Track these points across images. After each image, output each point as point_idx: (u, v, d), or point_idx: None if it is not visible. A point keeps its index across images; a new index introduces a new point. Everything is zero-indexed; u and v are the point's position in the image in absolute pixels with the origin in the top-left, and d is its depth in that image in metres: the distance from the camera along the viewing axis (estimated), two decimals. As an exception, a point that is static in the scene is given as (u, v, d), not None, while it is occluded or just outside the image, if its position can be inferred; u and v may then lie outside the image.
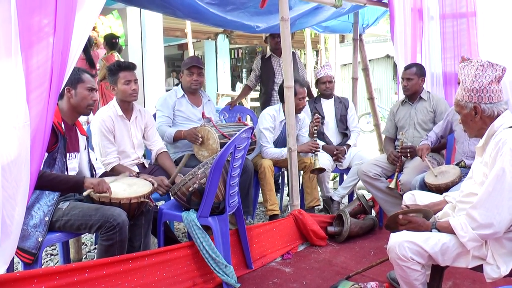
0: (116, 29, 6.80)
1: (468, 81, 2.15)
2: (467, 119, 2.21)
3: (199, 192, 2.69)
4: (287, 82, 3.48)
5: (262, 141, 4.01)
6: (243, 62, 17.64)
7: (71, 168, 2.57)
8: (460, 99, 2.20)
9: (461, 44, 4.51)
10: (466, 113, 2.19)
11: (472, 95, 2.14)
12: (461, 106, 2.20)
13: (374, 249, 3.51)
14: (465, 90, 2.17)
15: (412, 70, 3.86)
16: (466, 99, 2.16)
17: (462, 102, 2.19)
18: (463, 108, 2.20)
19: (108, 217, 2.33)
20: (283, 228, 3.47)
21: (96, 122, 3.11)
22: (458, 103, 2.22)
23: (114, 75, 3.12)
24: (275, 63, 4.94)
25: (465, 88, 2.16)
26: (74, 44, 2.16)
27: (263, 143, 4.02)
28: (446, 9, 4.56)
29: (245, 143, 2.87)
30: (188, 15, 3.70)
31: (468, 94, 2.15)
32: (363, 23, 5.42)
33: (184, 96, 3.83)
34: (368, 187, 3.90)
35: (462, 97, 2.18)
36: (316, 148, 3.90)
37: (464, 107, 2.19)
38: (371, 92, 5.69)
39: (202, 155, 3.59)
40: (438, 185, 3.15)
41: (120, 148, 3.20)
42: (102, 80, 6.05)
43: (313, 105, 4.56)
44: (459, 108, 2.23)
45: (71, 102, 2.59)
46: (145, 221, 2.71)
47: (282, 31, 3.41)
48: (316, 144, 3.92)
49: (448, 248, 2.08)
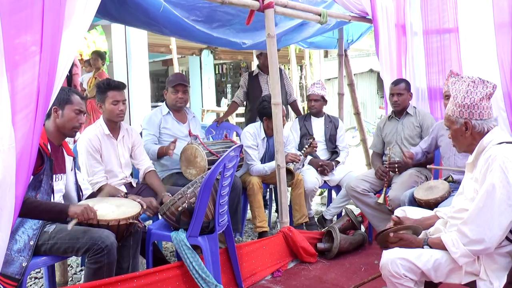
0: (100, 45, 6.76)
1: (459, 96, 2.17)
2: (457, 134, 2.22)
3: (188, 212, 2.65)
4: (274, 99, 3.48)
5: (247, 160, 4.00)
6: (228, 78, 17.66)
7: (58, 190, 2.51)
8: (451, 114, 2.21)
9: (445, 59, 4.58)
10: (456, 128, 2.21)
11: (463, 110, 2.15)
12: (452, 121, 2.21)
13: (365, 264, 3.50)
14: (456, 106, 2.18)
15: (401, 86, 3.90)
16: (457, 115, 2.17)
17: (453, 117, 2.20)
18: (453, 123, 2.21)
19: (96, 239, 2.27)
20: (272, 245, 3.43)
21: (82, 141, 3.06)
22: (449, 118, 2.23)
23: (102, 93, 3.08)
24: (263, 81, 4.95)
25: (456, 103, 2.18)
26: (61, 63, 2.14)
27: (249, 161, 4.01)
28: (429, 25, 4.64)
29: (235, 161, 2.85)
30: (175, 33, 3.69)
31: (459, 109, 2.16)
32: (348, 39, 5.48)
33: (169, 113, 3.80)
34: (357, 202, 3.91)
35: (453, 112, 2.19)
36: (295, 159, 3.92)
37: (455, 122, 2.20)
38: (357, 107, 5.74)
39: (190, 173, 3.56)
40: (427, 200, 3.16)
41: (107, 168, 3.14)
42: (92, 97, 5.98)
43: (303, 122, 4.55)
44: (450, 123, 2.24)
45: (56, 123, 2.53)
46: (134, 242, 2.66)
47: (268, 48, 3.42)
48: (295, 155, 3.93)
49: (441, 264, 2.08)
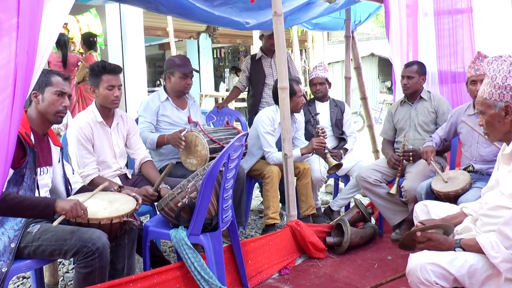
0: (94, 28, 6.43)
1: (499, 77, 1.93)
2: (494, 120, 1.98)
3: (189, 208, 2.40)
4: (281, 83, 3.21)
5: (265, 147, 3.72)
6: (226, 62, 17.33)
7: (43, 184, 2.25)
8: (487, 97, 1.97)
9: (457, 41, 4.33)
10: (493, 113, 1.96)
11: (504, 92, 1.92)
12: (488, 105, 1.97)
13: (378, 260, 3.27)
14: (495, 87, 1.93)
15: (413, 68, 3.63)
16: (496, 97, 1.94)
17: (491, 100, 1.95)
18: (490, 107, 1.97)
19: (86, 241, 2.02)
20: (279, 241, 3.20)
21: (72, 129, 2.79)
22: (485, 101, 1.98)
23: (96, 77, 2.80)
24: (266, 65, 4.67)
25: (496, 85, 1.93)
26: (43, 42, 1.86)
27: (267, 149, 3.72)
28: (441, 5, 4.37)
29: (239, 152, 2.59)
30: (172, 11, 3.39)
31: (499, 91, 1.93)
32: (355, 20, 5.19)
33: (168, 99, 3.51)
34: (368, 193, 3.67)
35: (491, 94, 1.95)
36: (325, 144, 3.65)
37: (492, 106, 1.95)
38: (363, 91, 5.47)
39: (190, 163, 3.30)
40: (447, 192, 2.92)
41: (100, 158, 2.88)
42: (81, 82, 5.69)
43: (307, 107, 4.28)
44: (485, 107, 1.99)
45: (38, 109, 2.26)
46: (129, 241, 2.41)
47: (275, 28, 3.13)
48: (321, 140, 3.65)
49: (477, 270, 1.84)
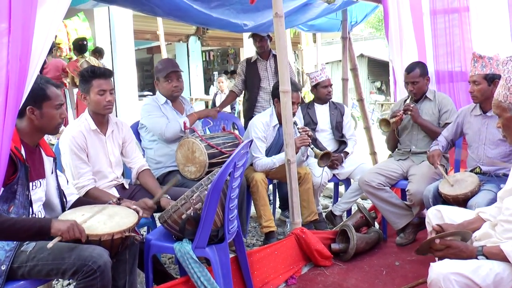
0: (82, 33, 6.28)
1: None
2: (510, 124, 1.92)
3: (194, 220, 2.28)
4: (283, 86, 3.10)
5: (254, 152, 3.62)
6: (215, 65, 17.22)
7: (36, 199, 2.10)
8: (502, 100, 1.90)
9: (453, 40, 4.26)
10: (509, 116, 1.90)
11: None
12: (504, 108, 1.90)
13: (385, 267, 3.17)
14: (510, 90, 1.88)
15: (416, 73, 3.52)
16: (511, 100, 1.86)
17: (506, 103, 1.89)
18: (505, 111, 1.90)
19: (86, 259, 1.88)
20: (285, 249, 3.09)
21: (65, 139, 2.64)
22: (500, 104, 1.91)
23: (86, 82, 2.66)
24: (261, 68, 4.57)
25: (510, 87, 1.87)
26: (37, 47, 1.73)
27: (255, 154, 3.63)
28: (437, 4, 4.30)
29: (244, 159, 2.48)
30: (169, 13, 3.26)
31: None
32: (351, 21, 5.11)
33: (167, 102, 3.38)
34: (371, 197, 3.57)
35: (505, 97, 1.88)
36: (308, 140, 3.51)
37: (507, 110, 1.90)
38: (360, 93, 5.39)
39: (189, 171, 3.18)
40: (456, 196, 2.84)
41: (95, 168, 2.74)
42: None
43: (306, 110, 4.19)
44: (501, 110, 1.92)
45: (35, 124, 2.11)
46: (130, 256, 2.27)
47: (276, 29, 3.03)
48: (302, 137, 3.49)
49: (503, 279, 1.76)
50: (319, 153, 3.52)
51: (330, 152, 3.63)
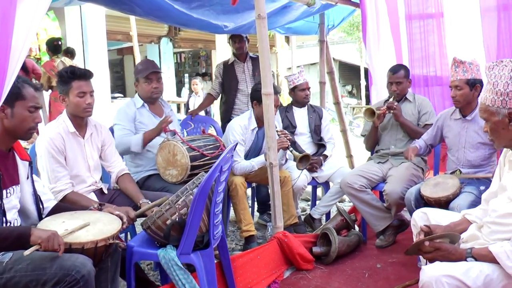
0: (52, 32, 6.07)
1: (500, 83, 1.88)
2: (498, 127, 1.93)
3: (179, 225, 2.21)
4: (265, 89, 3.07)
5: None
6: (185, 67, 17.06)
7: (10, 207, 1.98)
8: (490, 104, 1.91)
9: (428, 45, 4.34)
10: (497, 120, 1.91)
11: (506, 99, 1.87)
12: (491, 112, 1.92)
13: (367, 269, 3.18)
14: (497, 94, 1.89)
15: (400, 74, 3.58)
16: (499, 105, 1.89)
17: (493, 108, 1.90)
18: (493, 115, 1.92)
19: (69, 269, 1.79)
20: (267, 254, 3.05)
21: (42, 141, 2.52)
22: (488, 108, 1.93)
23: (65, 84, 2.55)
24: (239, 70, 4.53)
25: (498, 91, 1.88)
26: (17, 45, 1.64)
27: (234, 157, 3.58)
28: (412, 9, 4.38)
29: (229, 163, 2.43)
30: (149, 13, 3.17)
31: (502, 98, 1.88)
32: (328, 24, 5.14)
33: (144, 105, 3.30)
34: (353, 199, 3.57)
35: (493, 102, 1.90)
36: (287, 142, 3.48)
37: (496, 114, 1.91)
38: (336, 96, 5.42)
39: (170, 174, 3.10)
40: (438, 198, 2.87)
41: (73, 172, 2.63)
42: None
43: (285, 114, 4.17)
44: (488, 115, 1.94)
45: (5, 125, 1.98)
46: (112, 264, 2.18)
47: (259, 31, 3.00)
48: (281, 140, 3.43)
49: (492, 280, 1.78)
50: (298, 156, 3.51)
51: (309, 154, 3.64)
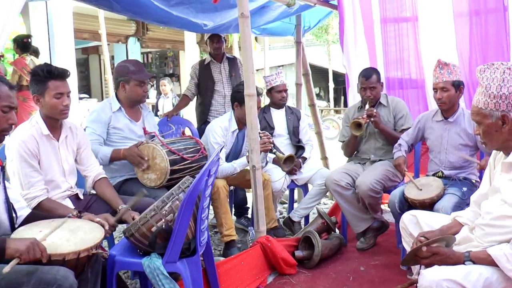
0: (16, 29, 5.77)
1: (493, 86, 1.87)
2: (491, 130, 1.92)
3: (165, 233, 2.10)
4: (248, 90, 2.98)
5: None
6: (152, 68, 16.74)
7: (-20, 216, 1.83)
8: (483, 107, 1.90)
9: (402, 48, 4.37)
10: (490, 123, 1.90)
11: (499, 102, 1.86)
12: (484, 115, 1.91)
13: (351, 273, 3.15)
14: (490, 97, 1.88)
15: (373, 79, 3.54)
16: (492, 107, 1.88)
17: (486, 110, 1.89)
18: (486, 118, 1.91)
19: (49, 283, 1.65)
20: (251, 259, 2.98)
21: (14, 144, 2.34)
22: (480, 111, 1.92)
23: (41, 83, 2.37)
24: (215, 70, 4.44)
25: (490, 94, 1.87)
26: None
27: None
28: (387, 13, 4.41)
29: (216, 167, 2.34)
30: (128, 9, 3.02)
31: (495, 101, 1.87)
32: (304, 26, 5.10)
33: (121, 109, 3.11)
34: (338, 197, 3.52)
35: (486, 104, 1.89)
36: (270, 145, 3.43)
37: (489, 116, 1.90)
38: (312, 98, 5.39)
39: (149, 178, 2.97)
40: (422, 200, 2.88)
41: (48, 177, 2.46)
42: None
43: (262, 115, 4.10)
44: (481, 117, 1.93)
45: None
46: (92, 274, 2.04)
47: (242, 30, 2.91)
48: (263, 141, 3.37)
49: (492, 283, 1.77)
50: (283, 157, 3.45)
51: (294, 155, 3.58)
